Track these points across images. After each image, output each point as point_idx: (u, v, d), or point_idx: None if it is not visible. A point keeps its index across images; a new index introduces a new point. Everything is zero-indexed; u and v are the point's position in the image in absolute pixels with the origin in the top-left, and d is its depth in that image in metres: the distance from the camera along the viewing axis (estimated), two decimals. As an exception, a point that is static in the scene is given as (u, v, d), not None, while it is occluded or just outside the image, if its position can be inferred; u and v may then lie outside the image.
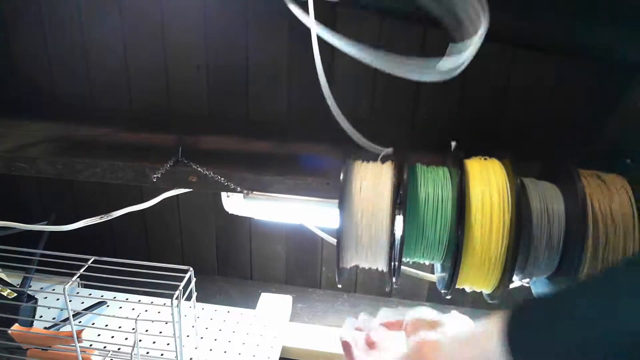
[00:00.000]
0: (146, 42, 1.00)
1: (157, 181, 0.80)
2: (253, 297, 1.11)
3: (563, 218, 0.62)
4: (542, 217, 0.62)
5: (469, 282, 0.65)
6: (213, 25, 0.96)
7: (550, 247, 0.62)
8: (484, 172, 0.64)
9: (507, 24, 0.74)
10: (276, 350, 0.96)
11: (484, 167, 0.65)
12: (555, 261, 0.63)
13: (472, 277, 0.64)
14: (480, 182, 0.62)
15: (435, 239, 0.63)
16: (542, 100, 0.91)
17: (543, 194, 0.64)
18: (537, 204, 0.63)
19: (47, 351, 0.86)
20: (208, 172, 0.78)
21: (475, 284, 0.65)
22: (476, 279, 0.64)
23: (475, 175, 0.63)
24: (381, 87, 0.95)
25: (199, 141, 0.91)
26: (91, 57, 1.03)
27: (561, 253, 0.63)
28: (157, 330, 0.95)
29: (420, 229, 0.63)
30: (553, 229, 0.62)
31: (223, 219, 1.14)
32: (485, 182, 0.62)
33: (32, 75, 1.06)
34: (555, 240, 0.62)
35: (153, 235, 1.20)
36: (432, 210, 0.62)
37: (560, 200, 0.64)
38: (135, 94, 1.05)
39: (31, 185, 1.19)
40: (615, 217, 0.61)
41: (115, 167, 0.81)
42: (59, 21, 1.01)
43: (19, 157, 0.83)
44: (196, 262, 0.94)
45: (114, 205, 1.00)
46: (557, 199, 0.64)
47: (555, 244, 0.62)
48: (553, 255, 0.63)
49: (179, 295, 0.79)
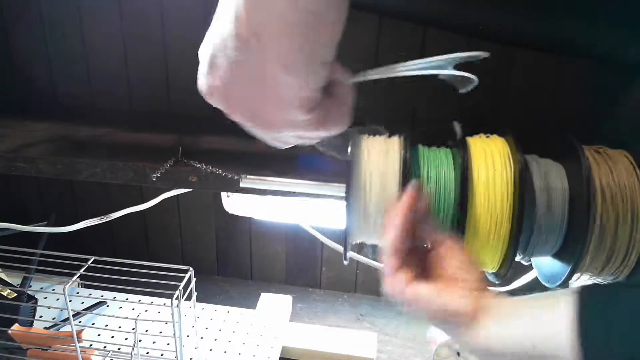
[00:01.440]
0: (146, 42, 1.00)
1: (157, 181, 0.80)
2: (253, 297, 1.11)
3: (567, 195, 0.61)
4: (545, 194, 0.61)
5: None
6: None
7: (554, 224, 0.61)
8: (487, 149, 0.63)
9: (507, 24, 0.74)
10: (276, 350, 0.96)
11: (486, 144, 0.64)
12: (559, 239, 0.62)
13: (475, 253, 0.63)
14: (482, 160, 0.61)
15: (439, 218, 0.62)
16: (542, 101, 0.91)
17: (546, 171, 0.63)
18: (541, 181, 0.62)
19: (47, 351, 0.86)
20: (208, 167, 0.78)
21: (481, 263, 0.64)
22: (480, 256, 0.63)
23: (477, 152, 0.62)
24: (379, 88, 0.95)
25: (199, 141, 0.91)
26: (91, 57, 1.03)
27: (565, 231, 0.61)
28: (157, 330, 0.95)
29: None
30: (557, 206, 0.61)
31: (223, 219, 1.14)
32: (488, 160, 0.61)
33: (32, 75, 1.06)
34: (558, 217, 0.61)
35: (153, 235, 1.20)
36: (434, 189, 0.61)
37: (564, 177, 0.62)
38: (136, 94, 1.05)
39: (31, 185, 1.19)
40: (622, 192, 0.59)
41: (115, 167, 0.81)
42: (59, 21, 1.01)
43: (19, 157, 0.83)
44: (196, 262, 0.94)
45: (114, 206, 1.00)
46: (561, 176, 0.62)
47: (559, 221, 0.61)
48: (557, 233, 0.61)
49: (179, 295, 0.79)
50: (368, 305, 1.14)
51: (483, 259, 0.63)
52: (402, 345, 1.04)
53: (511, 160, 0.61)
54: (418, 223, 0.53)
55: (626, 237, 0.59)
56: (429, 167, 0.62)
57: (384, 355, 1.01)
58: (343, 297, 1.17)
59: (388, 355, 1.02)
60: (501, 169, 0.60)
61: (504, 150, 0.62)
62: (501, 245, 0.61)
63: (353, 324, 1.09)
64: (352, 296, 1.17)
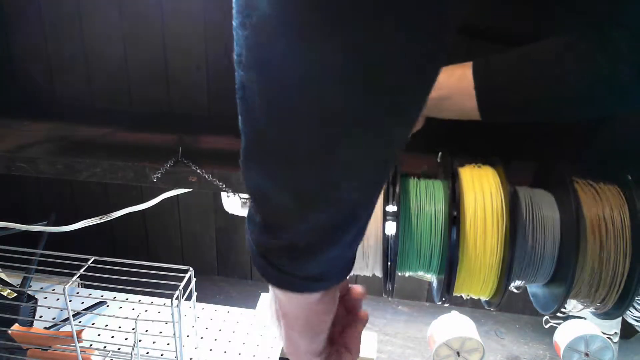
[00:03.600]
0: (146, 42, 1.00)
1: (157, 181, 0.80)
2: (253, 297, 1.11)
3: (558, 227, 0.63)
4: (536, 226, 0.63)
5: (466, 290, 0.66)
6: (213, 25, 0.96)
7: (546, 254, 0.63)
8: (477, 180, 0.64)
9: (507, 24, 0.74)
10: (276, 350, 0.96)
11: (477, 175, 0.65)
12: (551, 269, 0.64)
13: (467, 285, 0.64)
14: (473, 192, 0.63)
15: (430, 252, 0.63)
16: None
17: (537, 203, 0.64)
18: (531, 212, 0.63)
19: (47, 351, 0.86)
20: (207, 174, 0.78)
21: (473, 292, 0.66)
22: (473, 287, 0.64)
23: (468, 184, 0.64)
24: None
25: (199, 141, 0.91)
26: (91, 57, 1.03)
27: (556, 262, 0.63)
28: (157, 330, 0.95)
29: (414, 243, 0.63)
30: (547, 237, 0.63)
31: (223, 219, 1.14)
32: (478, 192, 0.63)
33: (32, 75, 1.06)
34: (549, 248, 0.63)
35: (153, 235, 1.20)
36: (426, 223, 0.62)
37: (555, 208, 0.64)
38: (136, 94, 1.05)
39: (31, 185, 1.19)
40: (609, 224, 0.61)
41: (115, 167, 0.81)
42: (59, 21, 1.02)
43: (19, 157, 0.83)
44: (196, 262, 0.94)
45: (114, 205, 1.00)
46: (552, 208, 0.64)
47: (550, 251, 0.63)
48: (548, 263, 0.63)
49: (179, 295, 0.79)
50: (368, 305, 1.14)
51: (476, 287, 0.64)
52: (402, 345, 1.04)
53: (502, 192, 0.62)
54: None
55: (611, 270, 0.61)
56: (420, 200, 0.63)
57: (384, 355, 1.01)
58: (343, 297, 1.17)
59: (388, 355, 1.02)
60: (492, 201, 0.61)
61: (495, 182, 0.63)
62: (494, 275, 0.62)
63: (353, 324, 1.09)
64: (352, 296, 1.17)
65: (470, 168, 0.67)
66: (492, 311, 0.98)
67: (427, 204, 0.63)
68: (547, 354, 1.03)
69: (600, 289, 0.62)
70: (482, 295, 0.66)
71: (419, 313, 1.13)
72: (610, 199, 0.63)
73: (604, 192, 0.64)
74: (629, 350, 1.03)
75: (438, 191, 0.64)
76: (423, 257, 0.63)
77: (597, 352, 0.91)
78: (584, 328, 0.92)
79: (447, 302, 0.66)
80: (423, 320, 1.09)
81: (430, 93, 0.32)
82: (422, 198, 0.64)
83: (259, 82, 0.32)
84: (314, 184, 0.34)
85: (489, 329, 1.09)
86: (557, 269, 0.63)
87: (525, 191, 0.66)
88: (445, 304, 0.67)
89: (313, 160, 0.33)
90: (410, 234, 0.62)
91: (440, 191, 0.64)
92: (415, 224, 0.62)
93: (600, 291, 0.62)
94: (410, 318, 1.11)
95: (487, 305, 0.67)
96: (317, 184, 0.34)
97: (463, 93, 0.65)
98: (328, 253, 0.38)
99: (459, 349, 0.90)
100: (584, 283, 0.62)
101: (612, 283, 0.61)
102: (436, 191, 0.64)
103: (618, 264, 0.61)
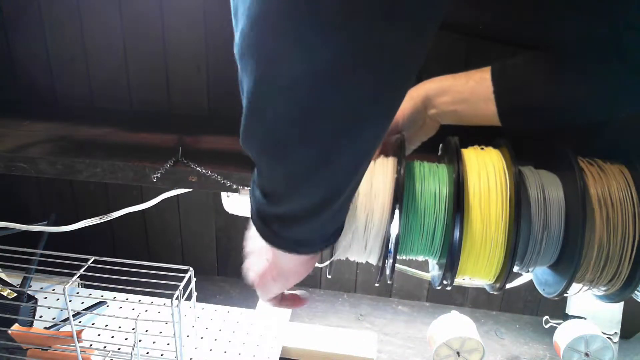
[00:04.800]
0: (146, 42, 1.00)
1: (157, 181, 0.80)
2: (253, 297, 1.11)
3: (563, 206, 0.62)
4: (541, 205, 0.62)
5: (470, 270, 0.64)
6: (213, 25, 0.96)
7: (551, 236, 0.61)
8: (481, 161, 0.63)
9: (507, 24, 0.74)
10: (276, 350, 0.96)
11: (481, 156, 0.64)
12: (556, 250, 0.62)
13: (471, 265, 0.63)
14: (477, 173, 0.62)
15: (433, 232, 0.62)
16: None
17: (542, 182, 0.63)
18: (536, 192, 0.62)
19: (47, 351, 0.86)
20: (207, 171, 0.78)
21: (477, 273, 0.65)
22: (477, 267, 0.63)
23: (472, 166, 0.63)
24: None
25: (199, 141, 0.91)
26: (91, 57, 1.03)
27: (562, 242, 0.62)
28: (157, 330, 0.95)
29: (417, 224, 0.62)
30: (553, 218, 0.61)
31: (223, 219, 1.15)
32: (483, 172, 0.62)
33: (32, 75, 1.06)
34: (555, 228, 0.61)
35: (153, 235, 1.20)
36: (430, 205, 0.61)
37: (560, 188, 0.63)
38: (136, 94, 1.05)
39: (31, 185, 1.19)
40: (615, 202, 0.60)
41: (115, 167, 0.81)
42: (59, 21, 1.02)
43: (19, 157, 0.83)
44: (196, 262, 0.94)
45: (114, 205, 1.00)
46: (556, 187, 0.63)
47: (555, 232, 0.61)
48: (553, 244, 0.62)
49: (179, 295, 0.79)
50: (368, 305, 1.14)
51: (480, 270, 0.64)
52: (402, 345, 1.04)
53: (506, 172, 0.61)
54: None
55: (618, 248, 0.60)
56: (424, 183, 0.63)
57: (384, 355, 1.02)
58: (343, 297, 1.17)
59: (388, 355, 1.02)
60: (496, 181, 0.61)
61: (499, 162, 0.63)
62: (498, 258, 0.61)
63: (353, 324, 1.09)
64: (352, 296, 1.17)
65: (475, 149, 0.67)
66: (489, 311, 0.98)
67: (431, 184, 0.62)
68: (547, 354, 1.03)
69: (608, 266, 0.61)
70: (485, 277, 0.65)
71: (419, 313, 1.13)
72: (615, 174, 0.62)
73: (609, 169, 0.63)
74: (629, 350, 1.03)
75: (442, 172, 0.64)
76: (425, 238, 0.62)
77: (597, 352, 0.91)
78: (584, 328, 0.92)
79: (448, 286, 0.65)
80: (423, 320, 1.09)
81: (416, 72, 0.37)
82: (427, 177, 0.63)
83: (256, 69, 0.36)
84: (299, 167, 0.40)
85: (489, 329, 1.09)
86: (563, 248, 0.62)
87: (530, 171, 0.65)
88: (447, 288, 0.66)
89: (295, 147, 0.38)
90: (414, 214, 0.62)
91: (444, 172, 0.64)
92: (419, 203, 0.61)
93: (608, 269, 0.61)
94: (410, 318, 1.11)
95: (491, 289, 0.66)
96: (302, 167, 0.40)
97: (481, 97, 0.64)
98: (312, 224, 0.46)
99: (459, 349, 0.90)
100: (592, 261, 0.61)
101: (621, 260, 0.60)
102: (440, 171, 0.64)
103: (626, 239, 0.59)
